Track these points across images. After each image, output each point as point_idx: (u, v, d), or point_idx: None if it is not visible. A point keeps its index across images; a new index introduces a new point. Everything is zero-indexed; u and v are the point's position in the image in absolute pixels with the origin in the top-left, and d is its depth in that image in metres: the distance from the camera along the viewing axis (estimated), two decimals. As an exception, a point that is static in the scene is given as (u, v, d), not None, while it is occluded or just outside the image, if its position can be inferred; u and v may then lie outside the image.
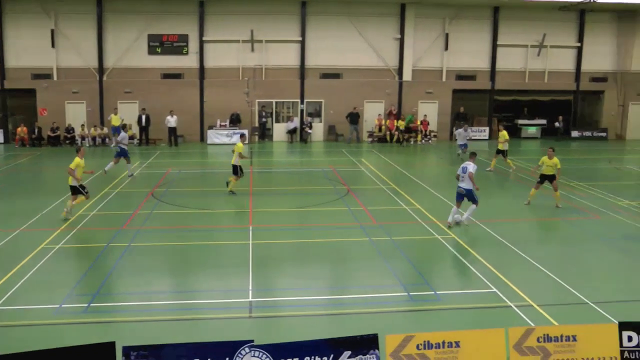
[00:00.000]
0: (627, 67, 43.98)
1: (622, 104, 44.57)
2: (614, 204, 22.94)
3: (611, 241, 18.47)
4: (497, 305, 13.12)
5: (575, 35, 42.95)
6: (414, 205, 21.93)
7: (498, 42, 41.33)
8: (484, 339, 10.25)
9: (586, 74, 43.58)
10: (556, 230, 19.87)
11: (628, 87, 44.38)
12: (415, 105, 40.84)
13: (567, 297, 13.73)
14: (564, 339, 10.46)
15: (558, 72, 42.92)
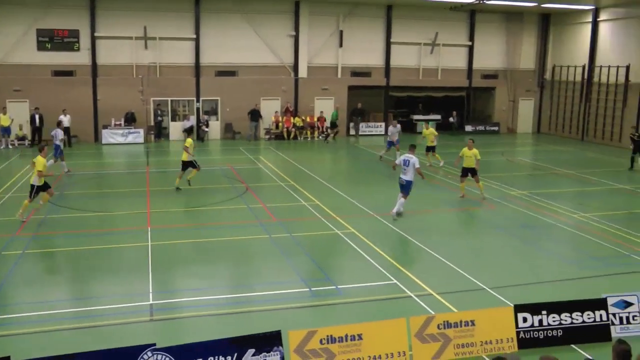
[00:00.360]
0: (516, 65, 45.87)
1: (512, 99, 46.47)
2: (507, 194, 23.89)
3: (505, 229, 19.25)
4: (398, 296, 13.39)
5: (466, 34, 44.39)
6: (313, 201, 22.08)
7: (392, 39, 42.14)
8: (386, 330, 10.44)
9: (478, 71, 45.12)
10: (453, 221, 20.48)
11: (517, 83, 46.31)
12: (312, 102, 41.09)
13: (465, 284, 14.19)
14: (463, 325, 10.80)
15: (451, 69, 44.24)
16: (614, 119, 40.38)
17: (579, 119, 43.41)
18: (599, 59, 41.70)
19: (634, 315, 11.74)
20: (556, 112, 45.62)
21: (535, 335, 11.15)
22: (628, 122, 38.96)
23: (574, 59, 43.83)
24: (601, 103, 41.42)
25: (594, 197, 24.35)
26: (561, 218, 20.68)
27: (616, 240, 18.18)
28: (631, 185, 26.85)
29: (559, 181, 27.52)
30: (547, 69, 46.53)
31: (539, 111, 47.25)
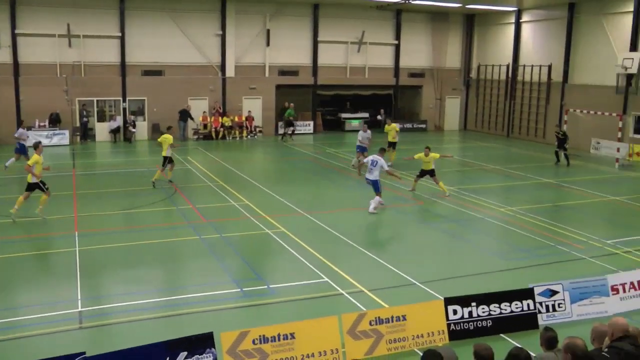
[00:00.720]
0: (442, 64, 46.70)
1: (439, 97, 47.30)
2: (436, 190, 24.27)
3: (434, 224, 19.59)
4: (330, 293, 13.45)
5: (392, 33, 44.90)
6: (243, 201, 21.97)
7: (319, 38, 42.27)
8: (318, 328, 10.47)
9: (405, 69, 45.72)
10: (382, 217, 20.69)
11: (444, 82, 47.17)
12: (240, 101, 40.83)
13: (395, 280, 14.35)
14: (394, 320, 10.93)
15: (378, 67, 44.68)
16: (537, 115, 41.59)
17: (504, 116, 44.53)
18: (523, 59, 42.87)
19: (559, 303, 12.13)
20: (482, 110, 46.69)
21: (465, 327, 11.38)
22: (551, 118, 40.22)
23: (498, 58, 44.94)
24: (525, 101, 42.59)
25: (520, 191, 25.02)
26: (488, 212, 21.17)
27: (542, 232, 18.73)
28: (556, 179, 27.71)
29: (486, 176, 28.17)
30: (473, 67, 47.58)
31: (465, 109, 48.27)
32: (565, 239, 18.04)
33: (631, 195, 24.67)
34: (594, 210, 22.16)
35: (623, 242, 17.84)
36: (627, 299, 12.79)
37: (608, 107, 34.97)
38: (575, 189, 25.66)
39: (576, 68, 38.64)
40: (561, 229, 19.16)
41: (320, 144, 38.17)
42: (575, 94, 38.37)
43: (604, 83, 36.32)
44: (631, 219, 21.04)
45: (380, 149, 22.18)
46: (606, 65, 36.05)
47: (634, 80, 34.36)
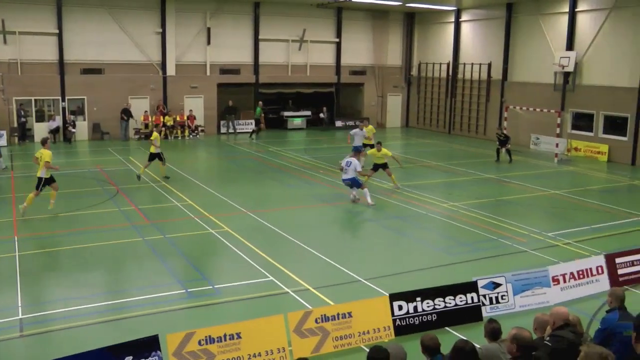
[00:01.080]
0: (383, 62, 47.07)
1: (380, 95, 47.65)
2: (380, 188, 24.49)
3: (378, 221, 19.74)
4: (275, 292, 13.42)
5: (333, 31, 45.04)
6: (186, 201, 21.75)
7: (260, 36, 42.09)
8: (264, 327, 10.44)
9: (346, 67, 45.93)
10: (327, 215, 20.75)
11: (385, 79, 47.56)
12: (181, 100, 40.40)
13: (341, 277, 14.41)
14: (340, 317, 10.97)
15: (319, 65, 44.78)
16: (478, 112, 42.31)
17: (445, 113, 45.17)
18: (463, 57, 43.54)
19: (502, 295, 12.37)
20: (423, 107, 47.25)
21: (411, 322, 11.50)
22: (491, 115, 40.97)
23: (439, 56, 45.54)
24: (466, 98, 43.29)
25: (462, 187, 25.42)
26: (432, 208, 21.44)
27: (484, 226, 19.08)
28: (497, 174, 28.25)
29: (428, 173, 28.52)
30: (414, 65, 48.10)
31: (407, 106, 48.76)
32: (508, 233, 18.40)
33: (570, 189, 25.34)
34: (535, 204, 22.67)
35: (563, 234, 18.31)
36: (568, 289, 13.14)
37: (547, 103, 35.84)
38: (516, 183, 26.20)
39: (515, 66, 39.46)
40: (503, 222, 19.54)
41: (263, 142, 38.05)
42: (514, 91, 39.18)
43: (542, 81, 37.18)
44: (570, 211, 21.60)
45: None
46: (544, 64, 36.91)
47: (571, 78, 35.29)
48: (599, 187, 26.45)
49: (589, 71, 34.64)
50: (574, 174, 29.32)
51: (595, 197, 24.19)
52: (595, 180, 27.78)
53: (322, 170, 27.89)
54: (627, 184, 27.48)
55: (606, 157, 33.03)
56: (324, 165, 29.05)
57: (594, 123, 34.24)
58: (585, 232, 18.70)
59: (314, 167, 28.88)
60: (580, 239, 17.84)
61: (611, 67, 33.36)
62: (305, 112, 45.20)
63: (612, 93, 33.20)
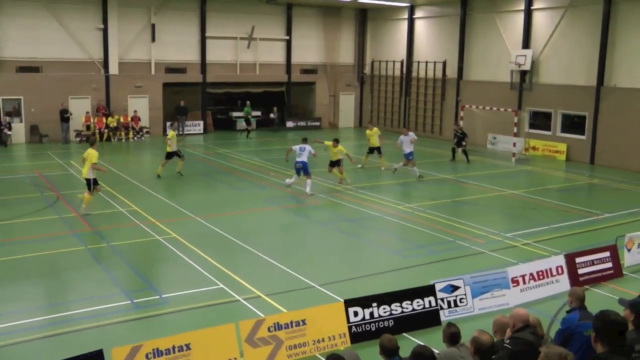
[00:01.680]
0: (335, 60, 47.19)
1: (333, 94, 47.76)
2: (332, 189, 24.55)
3: (331, 224, 19.77)
4: (226, 300, 13.31)
5: (283, 28, 45.01)
6: (131, 206, 21.46)
7: (207, 33, 41.80)
8: (215, 337, 10.33)
9: (297, 65, 45.94)
10: (277, 219, 20.70)
11: (337, 78, 47.71)
12: (125, 100, 39.84)
13: (294, 283, 14.37)
14: (294, 325, 10.92)
15: (269, 64, 44.68)
16: (433, 112, 42.74)
17: (399, 112, 45.51)
18: (417, 55, 43.94)
19: (460, 298, 12.49)
20: (377, 107, 47.53)
21: (367, 328, 11.51)
22: (447, 114, 41.42)
23: (392, 54, 45.88)
24: (420, 97, 43.69)
25: (418, 188, 25.63)
26: (386, 210, 21.55)
27: (441, 227, 19.26)
28: (453, 175, 28.57)
29: (382, 174, 28.69)
30: (367, 63, 48.37)
31: (360, 105, 48.99)
32: (465, 234, 18.60)
33: (528, 189, 25.75)
34: (493, 204, 22.98)
35: (522, 235, 18.59)
36: (527, 290, 13.34)
37: (503, 102, 36.36)
38: (473, 184, 26.52)
39: (471, 64, 39.99)
40: (460, 224, 19.76)
41: (212, 144, 37.81)
42: (470, 90, 39.70)
43: (498, 79, 37.73)
44: (528, 211, 21.95)
45: (303, 139, 25.02)
46: (500, 62, 37.49)
47: (528, 77, 35.90)
48: (557, 186, 26.95)
49: (546, 69, 35.30)
50: (532, 174, 29.83)
51: (554, 196, 24.63)
52: (553, 179, 28.29)
53: (272, 173, 27.82)
54: (586, 182, 28.07)
55: (564, 156, 33.68)
56: (275, 168, 28.99)
57: (552, 122, 34.91)
58: (544, 232, 19.02)
59: (264, 170, 28.79)
60: (539, 239, 18.14)
61: (568, 66, 34.05)
62: (255, 112, 45.02)
63: (569, 91, 33.87)
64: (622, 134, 31.55)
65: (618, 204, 23.28)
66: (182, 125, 41.06)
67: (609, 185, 27.14)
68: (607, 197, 24.95)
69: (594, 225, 20.16)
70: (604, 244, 16.20)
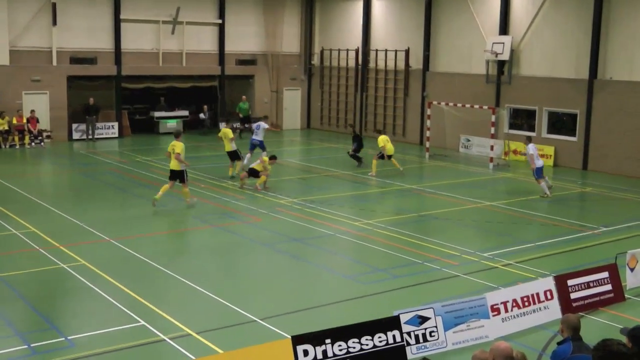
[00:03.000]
0: (277, 49, 47.23)
1: (275, 89, 47.77)
2: (275, 203, 24.49)
3: (274, 245, 19.69)
4: (148, 341, 13.10)
5: (215, 10, 44.85)
6: (28, 228, 21.05)
7: (122, 16, 41.44)
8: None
9: (232, 55, 45.81)
10: (210, 240, 20.53)
11: (281, 70, 47.76)
12: (19, 98, 39.10)
13: (230, 317, 14.24)
14: (231, 367, 10.81)
15: (199, 53, 44.47)
16: (395, 110, 43.05)
17: (355, 110, 45.72)
18: (375, 42, 44.28)
19: (430, 331, 12.48)
20: (328, 104, 47.72)
21: (320, 370, 11.44)
22: (412, 113, 41.76)
23: (345, 41, 46.12)
24: (380, 92, 43.99)
25: (377, 200, 25.75)
26: (340, 227, 21.57)
27: (406, 247, 19.33)
28: (419, 184, 28.79)
29: (335, 184, 28.75)
30: (315, 53, 48.56)
31: (308, 103, 49.11)
32: (435, 254, 18.70)
33: (508, 200, 26.09)
34: (467, 218, 23.17)
35: (502, 254, 18.78)
36: (510, 320, 13.42)
37: (478, 98, 36.79)
38: (443, 195, 26.72)
39: (439, 54, 40.40)
40: (429, 242, 19.87)
41: (129, 150, 37.43)
42: (438, 84, 40.12)
43: (472, 71, 38.25)
44: (509, 226, 22.20)
45: (264, 116, 32.32)
46: (474, 51, 38.02)
47: (507, 68, 36.42)
48: (542, 196, 27.33)
49: (528, 59, 35.87)
50: (514, 182, 30.25)
51: (540, 208, 24.99)
52: (539, 188, 28.65)
53: (203, 185, 27.64)
54: (578, 191, 28.58)
55: (552, 161, 34.18)
56: (207, 178, 28.82)
57: (537, 121, 35.45)
58: (528, 251, 19.26)
59: (194, 181, 28.54)
60: (524, 259, 18.33)
61: (555, 55, 34.66)
62: (181, 112, 44.76)
63: (557, 85, 34.46)
64: (619, 135, 32.19)
65: (616, 216, 23.73)
66: (92, 128, 40.52)
67: (604, 194, 27.67)
68: (603, 208, 25.41)
69: (589, 241, 20.49)
70: (601, 262, 16.46)
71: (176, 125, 44.09)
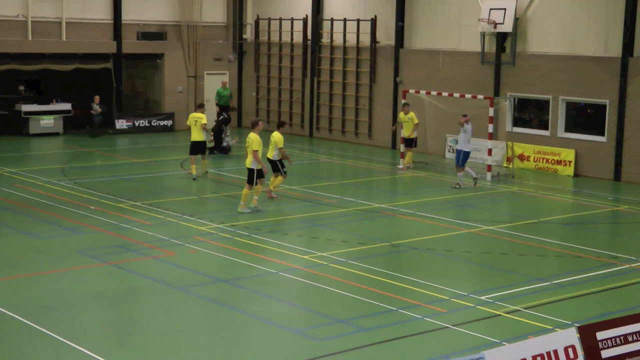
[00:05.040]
0: (195, 17, 47.17)
1: (193, 74, 47.48)
2: (193, 230, 24.27)
3: (194, 288, 19.48)
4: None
5: (108, -37, 44.80)
6: None
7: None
8: None
9: (131, 26, 45.53)
10: (101, 282, 20.18)
11: (200, 48, 47.69)
12: None
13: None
14: None
15: (85, 23, 44.13)
16: (357, 100, 43.07)
17: (303, 103, 45.75)
18: (329, 9, 44.68)
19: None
20: (267, 93, 47.73)
21: None
22: (380, 105, 41.80)
23: (289, 8, 46.49)
24: (337, 77, 44.08)
25: (336, 225, 25.62)
26: (285, 262, 21.45)
27: (375, 289, 19.23)
28: (390, 203, 28.80)
29: (277, 203, 28.69)
30: (248, 23, 48.50)
31: (239, 91, 48.98)
32: (415, 299, 18.59)
33: (513, 223, 26.15)
34: (457, 249, 23.14)
35: (505, 297, 18.71)
36: (518, 389, 13.32)
37: (471, 85, 36.95)
38: (424, 216, 26.71)
39: (416, 24, 40.60)
40: (406, 282, 19.76)
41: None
42: (416, 65, 40.32)
43: (461, 47, 38.43)
44: (515, 259, 22.19)
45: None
46: (464, 21, 38.19)
47: (509, 43, 36.49)
48: (561, 217, 27.46)
49: (539, 31, 36.07)
50: (519, 198, 30.36)
51: (556, 234, 25.10)
52: (554, 206, 28.81)
53: (93, 207, 27.33)
54: (608, 211, 28.74)
55: (572, 169, 34.46)
56: (98, 197, 28.53)
57: (550, 115, 35.67)
58: (542, 291, 19.23)
59: (79, 201, 28.28)
60: (535, 303, 18.28)
61: (575, 25, 34.85)
62: (61, 105, 44.29)
63: (577, 66, 34.71)
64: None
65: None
66: None
67: (643, 215, 27.95)
68: (641, 234, 25.62)
69: (624, 278, 20.53)
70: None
71: (53, 123, 43.57)
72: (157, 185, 31.56)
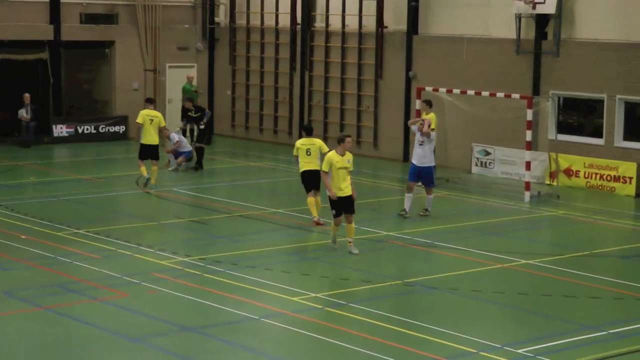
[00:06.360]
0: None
1: (153, 68, 47.52)
2: (152, 265, 24.25)
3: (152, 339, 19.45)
4: None
5: None
6: None
7: None
8: None
9: (73, 6, 45.62)
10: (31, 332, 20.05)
11: (163, 35, 47.91)
12: None
13: None
14: None
15: (13, 1, 44.15)
16: (359, 100, 43.26)
17: (292, 104, 45.77)
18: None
19: None
20: (245, 93, 47.87)
21: None
22: (387, 106, 41.81)
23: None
24: (333, 71, 44.26)
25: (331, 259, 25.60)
26: (267, 305, 21.50)
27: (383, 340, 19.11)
28: (399, 231, 28.65)
29: (257, 231, 28.79)
30: (222, 3, 48.63)
31: (210, 90, 49.02)
32: (434, 352, 18.53)
33: (558, 256, 26.12)
34: (487, 289, 23.08)
35: (549, 350, 18.60)
36: None
37: (503, 81, 37.05)
38: (444, 248, 26.67)
39: (434, 4, 40.72)
40: (422, 330, 19.68)
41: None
42: (433, 57, 40.52)
43: (491, 34, 38.52)
44: (561, 302, 22.12)
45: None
46: (495, 0, 38.08)
47: (551, 28, 36.49)
48: (618, 249, 27.44)
49: (590, 13, 36.08)
50: (566, 224, 30.35)
51: (613, 269, 25.10)
52: (610, 235, 28.80)
53: (24, 236, 27.31)
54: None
55: (633, 188, 34.53)
56: (30, 223, 28.52)
57: (605, 119, 35.78)
58: (594, 343, 19.14)
59: (6, 228, 28.29)
60: (586, 359, 18.21)
61: (635, 4, 34.81)
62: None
63: (638, 57, 34.67)
64: None
65: None
66: None
67: None
68: None
69: None
70: None
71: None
72: (106, 209, 31.60)
